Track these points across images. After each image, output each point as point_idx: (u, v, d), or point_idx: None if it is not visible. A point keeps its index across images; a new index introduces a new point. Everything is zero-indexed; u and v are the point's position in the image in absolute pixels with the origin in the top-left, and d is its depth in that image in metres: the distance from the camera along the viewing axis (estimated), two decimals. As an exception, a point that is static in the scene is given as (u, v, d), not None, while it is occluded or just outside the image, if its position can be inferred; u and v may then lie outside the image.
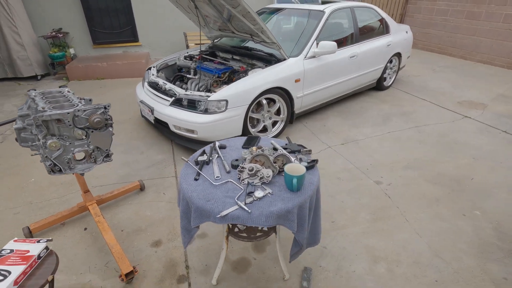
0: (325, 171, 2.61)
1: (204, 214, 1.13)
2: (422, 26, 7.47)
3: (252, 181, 1.23)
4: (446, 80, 5.08)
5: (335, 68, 3.38)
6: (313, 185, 1.24)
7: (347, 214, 2.12)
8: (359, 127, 3.40)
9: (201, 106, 2.58)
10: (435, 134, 3.24)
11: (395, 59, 4.50)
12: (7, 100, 4.26)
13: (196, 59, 3.51)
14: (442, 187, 2.40)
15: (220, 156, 1.43)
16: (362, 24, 3.86)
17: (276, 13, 3.88)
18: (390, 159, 2.79)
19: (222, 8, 2.85)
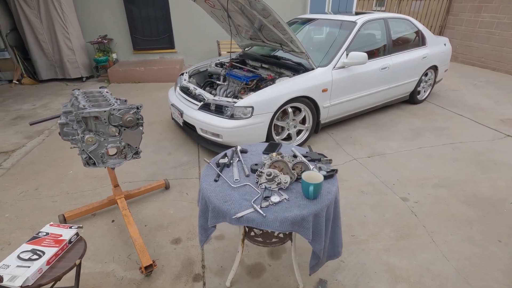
0: (349, 183, 2.55)
1: (220, 214, 1.17)
2: (464, 38, 7.09)
3: (270, 186, 1.25)
4: (488, 96, 4.75)
5: (364, 79, 3.32)
6: (330, 194, 1.23)
7: (369, 229, 2.05)
8: (387, 141, 3.29)
9: (227, 111, 2.66)
10: (471, 152, 3.04)
11: (431, 72, 4.32)
12: (55, 98, 4.68)
13: (226, 66, 3.62)
14: (476, 209, 2.24)
15: (241, 160, 1.47)
16: (396, 36, 3.77)
17: (307, 23, 3.92)
18: (419, 176, 2.66)
19: (254, 18, 2.94)
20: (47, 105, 4.35)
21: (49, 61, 5.48)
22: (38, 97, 4.76)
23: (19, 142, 3.23)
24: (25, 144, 3.20)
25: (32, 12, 5.06)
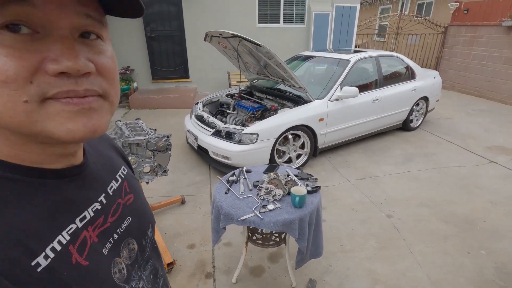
0: (341, 202, 2.90)
1: (230, 218, 1.56)
2: (459, 69, 7.55)
3: (267, 197, 1.64)
4: (479, 124, 5.10)
5: (357, 110, 3.75)
6: (313, 204, 1.61)
7: (356, 241, 2.38)
8: (379, 165, 3.64)
9: (236, 137, 3.10)
10: (455, 176, 3.37)
11: (422, 102, 4.72)
12: (83, 123, 5.25)
13: (235, 97, 4.12)
14: (453, 226, 2.55)
15: (246, 178, 1.88)
16: (386, 70, 4.24)
17: (308, 60, 4.44)
18: (405, 196, 2.99)
19: (260, 58, 3.47)
20: (76, 129, 4.90)
21: (78, 89, 6.14)
22: (68, 121, 5.34)
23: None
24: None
25: (67, 47, 5.79)
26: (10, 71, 0.30)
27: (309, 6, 6.79)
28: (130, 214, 0.52)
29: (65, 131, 0.34)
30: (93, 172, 0.47)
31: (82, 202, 0.43)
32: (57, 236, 0.37)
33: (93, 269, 0.40)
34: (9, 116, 0.32)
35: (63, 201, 0.40)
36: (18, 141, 0.35)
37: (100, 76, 0.36)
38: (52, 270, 0.35)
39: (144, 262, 0.53)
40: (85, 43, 0.34)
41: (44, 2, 0.30)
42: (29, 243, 0.34)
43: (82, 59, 0.33)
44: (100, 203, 0.46)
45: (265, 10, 6.78)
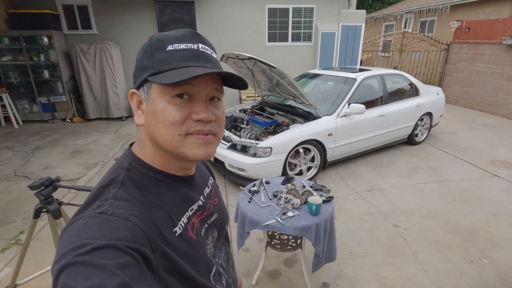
0: (350, 212, 3.09)
1: (254, 223, 1.77)
2: (463, 85, 7.76)
3: (286, 206, 1.86)
4: (482, 138, 5.27)
5: (364, 125, 3.97)
6: (327, 212, 1.82)
7: (365, 248, 2.55)
8: (385, 177, 3.83)
9: (251, 150, 3.34)
10: (458, 189, 3.53)
11: (426, 117, 4.93)
12: (103, 135, 5.56)
13: (248, 112, 4.38)
14: (456, 236, 2.71)
15: (266, 188, 2.10)
16: (391, 88, 4.48)
17: (316, 78, 4.72)
18: (410, 208, 3.16)
19: (272, 77, 3.74)
20: (97, 141, 5.20)
21: (97, 103, 6.50)
22: (88, 134, 5.66)
23: (80, 171, 4.00)
24: (85, 173, 3.95)
25: (89, 64, 6.18)
26: (176, 118, 0.54)
27: (316, 25, 7.14)
28: (216, 212, 0.74)
29: (193, 154, 0.57)
30: (197, 181, 0.70)
31: (192, 199, 0.66)
32: (182, 216, 0.61)
33: (198, 242, 0.63)
34: (168, 142, 0.55)
35: (184, 196, 0.64)
36: (168, 157, 0.60)
37: (215, 123, 0.59)
38: (182, 237, 0.58)
39: (220, 246, 0.75)
40: (212, 103, 0.59)
41: (198, 83, 0.55)
42: (172, 217, 0.58)
43: (209, 113, 0.57)
44: (201, 201, 0.69)
45: (274, 29, 7.15)
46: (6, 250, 2.52)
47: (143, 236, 0.49)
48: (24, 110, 6.31)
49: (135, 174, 0.58)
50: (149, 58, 0.55)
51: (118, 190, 0.53)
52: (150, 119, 0.56)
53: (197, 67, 0.54)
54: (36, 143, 5.06)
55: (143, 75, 0.56)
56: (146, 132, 0.58)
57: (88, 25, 6.62)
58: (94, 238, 0.44)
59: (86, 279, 0.39)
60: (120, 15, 6.61)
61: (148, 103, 0.56)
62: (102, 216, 0.48)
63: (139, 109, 0.59)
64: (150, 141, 0.59)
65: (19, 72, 6.02)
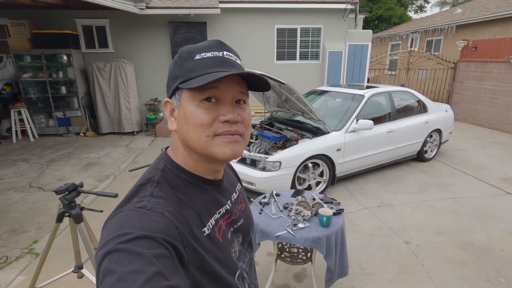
0: (360, 227, 3.06)
1: (265, 234, 1.79)
2: (471, 102, 7.75)
3: (297, 217, 1.87)
4: (493, 156, 5.20)
5: (373, 141, 3.99)
6: (338, 224, 1.83)
7: (376, 265, 2.51)
8: (395, 193, 3.80)
9: (260, 164, 3.38)
10: (471, 206, 3.47)
11: (435, 134, 4.92)
12: (114, 149, 5.69)
13: (257, 127, 4.46)
14: (470, 254, 2.65)
15: (276, 200, 2.12)
16: (399, 104, 4.53)
17: (324, 94, 4.81)
18: (422, 224, 3.11)
19: (281, 93, 3.84)
20: (109, 155, 5.33)
21: (110, 118, 6.70)
22: (101, 147, 5.80)
23: (93, 184, 4.08)
24: (98, 186, 4.03)
25: (104, 81, 6.44)
26: (204, 120, 0.58)
27: (324, 44, 7.34)
28: (242, 217, 0.76)
29: (222, 153, 0.60)
30: (225, 186, 0.73)
31: (220, 203, 0.69)
32: (211, 218, 0.64)
33: (224, 244, 0.65)
34: (198, 143, 0.60)
35: (213, 199, 0.67)
36: (198, 159, 0.64)
37: (242, 124, 0.64)
38: (210, 237, 0.61)
39: (244, 251, 0.77)
40: (238, 106, 0.63)
41: (224, 87, 0.60)
42: (202, 218, 0.62)
43: (236, 114, 0.61)
44: (228, 205, 0.71)
45: (282, 48, 7.37)
46: (19, 258, 2.56)
47: (176, 231, 0.52)
48: (41, 124, 6.54)
49: (169, 175, 0.62)
50: (179, 68, 0.61)
51: (155, 189, 0.58)
52: (181, 123, 0.61)
53: (222, 72, 0.58)
54: (51, 156, 5.21)
55: (174, 84, 0.61)
56: (179, 136, 0.63)
57: (105, 44, 6.95)
58: (135, 228, 0.48)
59: (127, 265, 0.43)
60: (135, 35, 6.94)
61: (179, 109, 0.61)
62: (141, 210, 0.52)
63: (172, 116, 0.64)
64: (182, 145, 0.63)
65: (38, 88, 6.30)
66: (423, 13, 20.44)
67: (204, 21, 6.90)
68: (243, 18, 7.04)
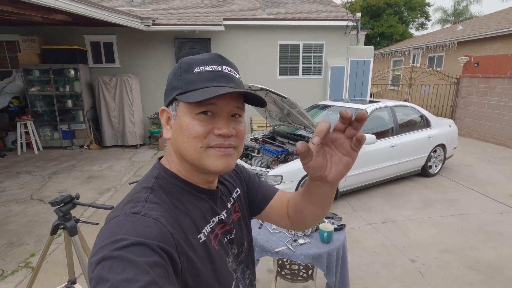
0: (363, 244, 2.97)
1: (264, 249, 1.75)
2: (475, 118, 7.71)
3: (297, 233, 1.83)
4: (500, 171, 5.11)
5: (375, 155, 3.95)
6: (339, 240, 1.78)
7: (380, 283, 2.42)
8: (399, 209, 3.72)
9: (262, 178, 3.34)
10: (478, 223, 3.37)
11: (440, 149, 4.86)
12: (117, 162, 5.71)
13: (259, 141, 4.46)
14: (479, 273, 2.55)
15: (276, 215, 2.08)
16: (402, 119, 4.51)
17: (326, 109, 4.82)
18: (428, 241, 3.02)
19: (283, 108, 3.86)
20: (111, 167, 5.33)
21: (114, 131, 6.76)
22: (103, 160, 5.82)
23: (94, 196, 4.06)
24: (98, 198, 4.01)
25: (110, 94, 6.55)
26: (198, 132, 0.58)
27: (326, 60, 7.44)
28: (235, 228, 0.74)
29: (214, 165, 0.60)
30: (221, 196, 0.73)
31: (216, 211, 0.69)
32: (206, 225, 0.64)
33: (220, 253, 0.65)
34: (191, 154, 0.60)
35: (207, 207, 0.67)
36: (191, 169, 0.64)
37: (236, 137, 0.63)
38: (205, 244, 0.60)
39: (238, 263, 0.75)
40: (233, 119, 0.63)
41: (221, 103, 0.60)
42: (198, 225, 0.61)
43: (230, 128, 0.61)
44: (223, 215, 0.70)
45: (285, 64, 7.48)
46: (15, 272, 2.52)
47: (171, 238, 0.52)
48: (46, 137, 6.62)
49: (164, 182, 0.63)
50: (178, 79, 0.61)
51: (149, 195, 0.58)
52: (176, 133, 0.61)
53: (220, 87, 0.59)
54: (54, 168, 5.23)
55: (172, 94, 0.62)
56: (173, 145, 0.64)
57: (112, 59, 7.12)
58: (129, 234, 0.48)
59: (120, 273, 0.42)
60: (141, 50, 7.11)
61: (175, 119, 0.61)
62: (136, 216, 0.52)
63: (168, 124, 0.64)
64: (176, 154, 0.64)
65: (45, 101, 6.42)
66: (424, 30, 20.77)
67: (208, 37, 7.07)
68: (246, 35, 7.20)
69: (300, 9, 7.93)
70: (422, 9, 20.10)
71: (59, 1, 3.81)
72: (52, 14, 4.85)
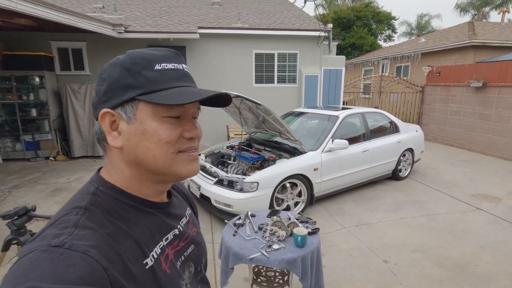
0: (339, 248, 3.02)
1: (238, 257, 1.71)
2: (439, 123, 8.21)
3: (272, 238, 1.82)
4: (463, 173, 5.44)
5: (349, 160, 4.07)
6: (313, 244, 1.79)
7: (355, 285, 2.46)
8: (373, 212, 3.83)
9: (237, 185, 3.32)
10: (445, 223, 3.55)
11: (408, 153, 5.10)
12: (87, 173, 5.42)
13: (236, 149, 4.44)
14: (446, 271, 2.66)
15: (251, 221, 2.06)
16: (372, 125, 4.70)
17: (301, 116, 4.91)
18: (399, 242, 3.13)
19: (259, 115, 3.88)
20: (80, 179, 5.06)
21: (83, 141, 6.44)
22: (71, 172, 5.51)
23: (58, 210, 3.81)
24: (64, 212, 3.77)
25: (79, 103, 6.25)
26: (171, 136, 0.54)
27: (300, 69, 7.63)
28: (193, 243, 0.69)
29: (187, 170, 0.57)
30: (175, 208, 0.66)
31: (167, 228, 0.61)
32: (155, 247, 0.56)
33: (172, 276, 0.58)
34: (162, 162, 0.54)
35: (158, 224, 0.59)
36: (146, 180, 0.57)
37: (197, 139, 0.62)
38: (153, 269, 0.53)
39: (197, 283, 0.70)
40: (194, 121, 0.60)
41: (188, 105, 0.56)
42: (144, 248, 0.53)
43: (199, 130, 0.59)
44: (178, 230, 0.64)
45: (260, 72, 7.58)
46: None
47: (104, 274, 0.43)
48: (6, 149, 6.17)
49: (103, 199, 0.53)
50: (135, 76, 0.53)
51: (81, 217, 0.48)
52: (137, 140, 0.53)
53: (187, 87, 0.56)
54: (14, 182, 4.87)
55: (126, 94, 0.53)
56: (126, 154, 0.55)
57: (81, 66, 6.84)
58: (44, 279, 0.37)
59: None
60: (112, 57, 6.87)
61: (133, 124, 0.53)
62: (57, 250, 0.41)
63: (113, 130, 0.54)
64: (129, 164, 0.56)
65: (6, 110, 6.01)
66: (391, 42, 22.05)
67: (183, 45, 7.02)
68: (221, 43, 7.24)
69: (275, 19, 8.12)
70: (389, 22, 21.35)
71: (21, 4, 3.61)
72: (14, 18, 4.60)
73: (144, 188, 0.58)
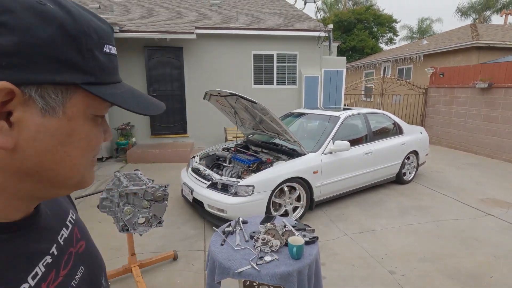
0: (340, 257, 2.79)
1: (225, 270, 1.50)
2: (443, 126, 7.98)
3: (264, 249, 1.60)
4: (470, 177, 5.20)
5: (350, 162, 3.85)
6: (312, 256, 1.57)
7: (359, 300, 2.23)
8: (376, 218, 3.60)
9: (232, 189, 3.11)
10: (454, 230, 3.32)
11: (413, 156, 4.88)
12: (78, 176, 5.22)
13: (232, 151, 4.24)
14: (459, 283, 2.43)
15: (242, 229, 1.85)
16: (375, 126, 4.49)
17: (301, 116, 4.71)
18: (406, 251, 2.89)
19: (255, 114, 3.68)
20: (70, 183, 4.85)
21: None
22: (63, 175, 5.31)
23: (44, 215, 3.60)
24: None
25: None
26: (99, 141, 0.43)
27: (300, 70, 7.45)
28: (83, 263, 0.50)
29: (91, 178, 0.45)
30: (45, 220, 0.45)
31: (33, 257, 0.40)
32: None
33: None
34: (77, 170, 0.40)
35: (14, 256, 0.37)
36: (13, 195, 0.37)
37: None
38: None
39: None
40: None
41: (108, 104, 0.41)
42: None
43: None
44: (52, 255, 0.43)
45: (259, 73, 7.40)
46: None
47: None
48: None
49: None
50: (85, 55, 0.35)
51: None
52: (53, 142, 0.36)
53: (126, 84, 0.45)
54: None
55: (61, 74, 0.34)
56: (19, 159, 0.34)
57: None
58: None
59: None
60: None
61: (54, 119, 0.35)
62: None
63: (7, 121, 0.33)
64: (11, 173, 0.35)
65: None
66: (393, 45, 21.93)
67: (180, 46, 6.86)
68: (219, 44, 7.08)
69: (274, 19, 7.97)
70: (390, 25, 21.25)
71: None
72: None
73: (5, 206, 0.37)
